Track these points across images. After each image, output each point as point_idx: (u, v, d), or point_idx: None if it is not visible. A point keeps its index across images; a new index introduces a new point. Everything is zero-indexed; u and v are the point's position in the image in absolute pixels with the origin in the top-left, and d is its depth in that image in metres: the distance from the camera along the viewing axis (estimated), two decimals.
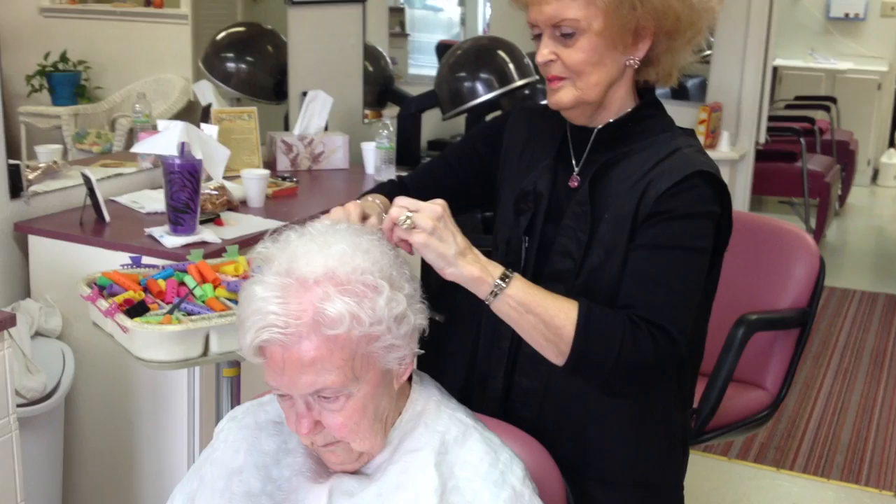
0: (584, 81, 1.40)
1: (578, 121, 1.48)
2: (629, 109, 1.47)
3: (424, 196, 1.66)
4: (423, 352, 1.30)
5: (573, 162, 1.50)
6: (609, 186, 1.43)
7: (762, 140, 5.34)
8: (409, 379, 1.33)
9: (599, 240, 1.41)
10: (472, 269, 1.28)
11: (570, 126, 1.51)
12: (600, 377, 1.32)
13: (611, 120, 1.47)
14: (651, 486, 1.53)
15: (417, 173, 1.72)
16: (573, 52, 1.38)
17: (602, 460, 1.49)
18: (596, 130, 1.48)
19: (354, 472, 1.27)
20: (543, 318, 1.30)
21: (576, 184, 1.47)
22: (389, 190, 1.62)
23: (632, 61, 1.42)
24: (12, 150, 2.37)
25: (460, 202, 1.65)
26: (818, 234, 6.06)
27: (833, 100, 7.26)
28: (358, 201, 1.41)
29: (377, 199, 1.48)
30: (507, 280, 1.29)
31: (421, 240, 1.25)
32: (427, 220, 1.25)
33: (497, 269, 1.30)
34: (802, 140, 5.95)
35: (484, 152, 1.63)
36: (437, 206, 1.27)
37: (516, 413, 1.50)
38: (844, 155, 6.87)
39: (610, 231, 1.40)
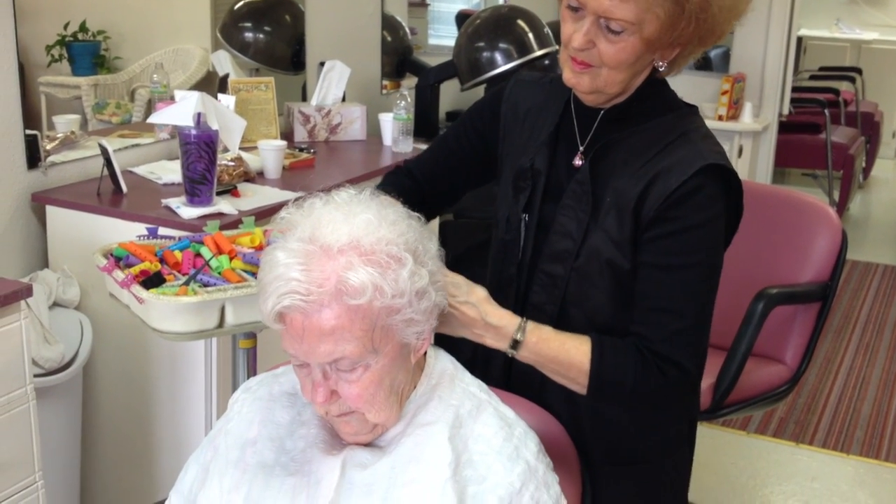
0: (612, 77, 1.36)
1: (590, 104, 1.45)
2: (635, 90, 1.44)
3: (432, 181, 1.66)
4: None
5: (578, 140, 1.47)
6: (611, 167, 1.41)
7: (786, 111, 5.28)
8: (425, 352, 1.32)
9: (601, 224, 1.39)
10: (485, 339, 1.36)
11: (576, 104, 1.48)
12: (622, 408, 1.44)
13: (619, 102, 1.44)
14: (654, 463, 1.52)
15: (421, 159, 1.71)
16: (614, 48, 1.33)
17: (603, 439, 1.48)
18: (602, 111, 1.45)
19: (368, 445, 1.27)
20: (558, 371, 1.37)
21: (580, 163, 1.45)
22: (400, 181, 1.65)
23: (660, 65, 1.39)
24: (32, 121, 2.37)
25: (469, 180, 1.65)
26: (841, 207, 6.01)
27: (858, 70, 7.18)
28: None
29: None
30: (517, 346, 1.35)
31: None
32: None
33: (507, 334, 1.35)
34: (827, 111, 5.89)
35: (482, 129, 1.62)
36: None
37: (518, 393, 1.49)
38: (869, 127, 6.80)
39: (614, 221, 1.38)
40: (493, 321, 1.34)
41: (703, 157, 1.35)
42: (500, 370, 1.53)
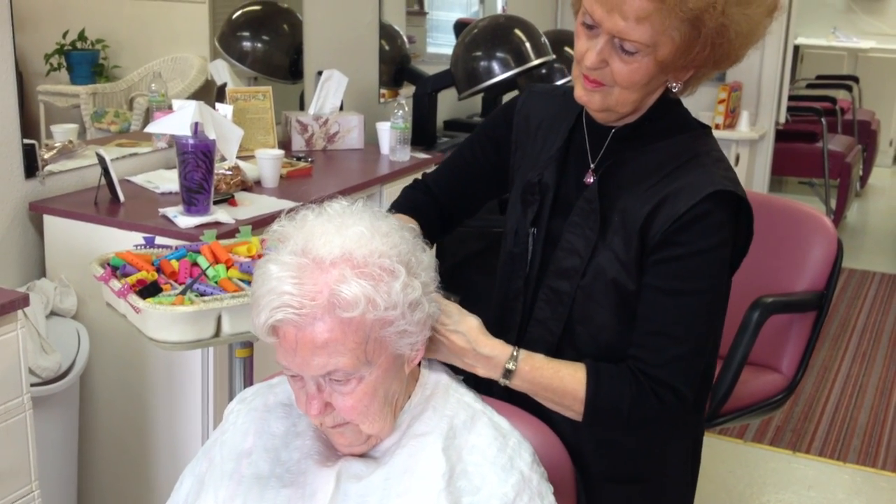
0: (624, 96, 1.35)
1: (602, 121, 1.44)
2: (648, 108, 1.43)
3: (449, 193, 1.68)
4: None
5: (589, 158, 1.47)
6: (620, 185, 1.40)
7: (782, 120, 5.30)
8: (419, 362, 1.32)
9: (609, 244, 1.38)
10: (476, 369, 1.36)
11: (588, 119, 1.48)
12: (619, 434, 1.44)
13: (631, 120, 1.43)
14: (656, 481, 1.51)
15: (438, 172, 1.72)
16: (627, 69, 1.31)
17: (606, 456, 1.47)
18: (614, 130, 1.44)
19: (363, 456, 1.27)
20: (553, 399, 1.37)
21: (591, 180, 1.44)
22: (415, 196, 1.67)
23: (674, 86, 1.38)
24: (30, 130, 2.37)
25: (486, 191, 1.65)
26: (838, 215, 6.02)
27: (855, 79, 7.20)
28: None
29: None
30: (509, 375, 1.35)
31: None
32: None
33: (499, 363, 1.35)
34: (823, 120, 5.91)
35: (497, 139, 1.62)
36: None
37: (519, 405, 1.48)
38: (866, 135, 6.82)
39: (621, 241, 1.37)
40: (484, 351, 1.34)
41: (713, 183, 1.33)
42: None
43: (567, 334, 1.44)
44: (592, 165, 1.46)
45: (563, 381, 1.35)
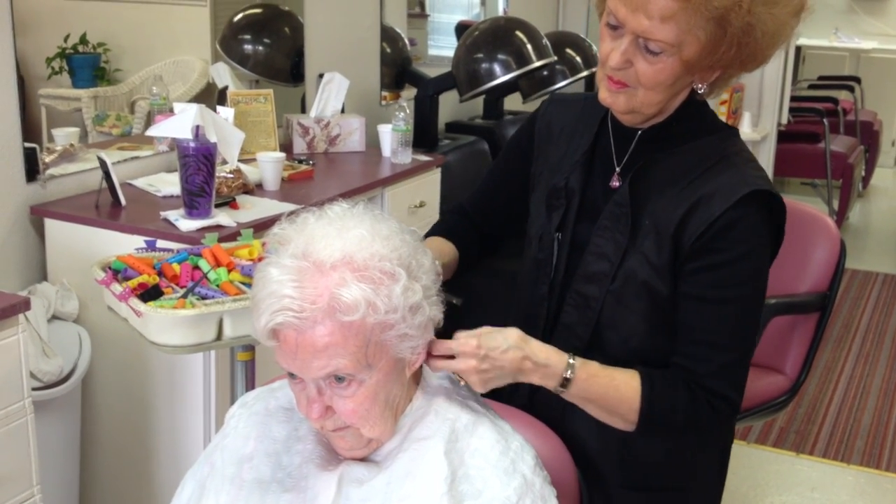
0: (649, 97, 1.34)
1: (627, 123, 1.43)
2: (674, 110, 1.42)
3: (484, 212, 1.66)
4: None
5: (614, 161, 1.46)
6: (649, 188, 1.39)
7: (784, 121, 5.30)
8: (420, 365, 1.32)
9: (640, 248, 1.37)
10: (532, 379, 1.32)
11: (613, 123, 1.47)
12: (666, 436, 1.43)
13: (657, 122, 1.42)
14: (683, 490, 1.50)
15: (474, 194, 1.71)
16: (652, 69, 1.30)
17: (632, 465, 1.46)
18: (640, 132, 1.43)
19: (364, 460, 1.27)
20: (606, 408, 1.35)
21: (617, 184, 1.43)
22: (450, 220, 1.67)
23: (700, 87, 1.37)
24: (31, 133, 2.37)
25: (519, 205, 1.62)
26: (841, 216, 6.01)
27: (857, 80, 7.20)
28: None
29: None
30: (566, 384, 1.32)
31: (480, 390, 1.32)
32: (470, 378, 1.29)
33: (556, 372, 1.32)
34: (825, 121, 5.90)
35: (525, 150, 1.61)
36: (469, 359, 1.28)
37: (540, 414, 1.47)
38: (868, 136, 6.81)
39: (653, 245, 1.36)
40: (540, 360, 1.31)
41: (747, 184, 1.33)
42: (526, 389, 1.51)
43: (595, 339, 1.43)
44: (618, 169, 1.45)
45: (619, 389, 1.34)
